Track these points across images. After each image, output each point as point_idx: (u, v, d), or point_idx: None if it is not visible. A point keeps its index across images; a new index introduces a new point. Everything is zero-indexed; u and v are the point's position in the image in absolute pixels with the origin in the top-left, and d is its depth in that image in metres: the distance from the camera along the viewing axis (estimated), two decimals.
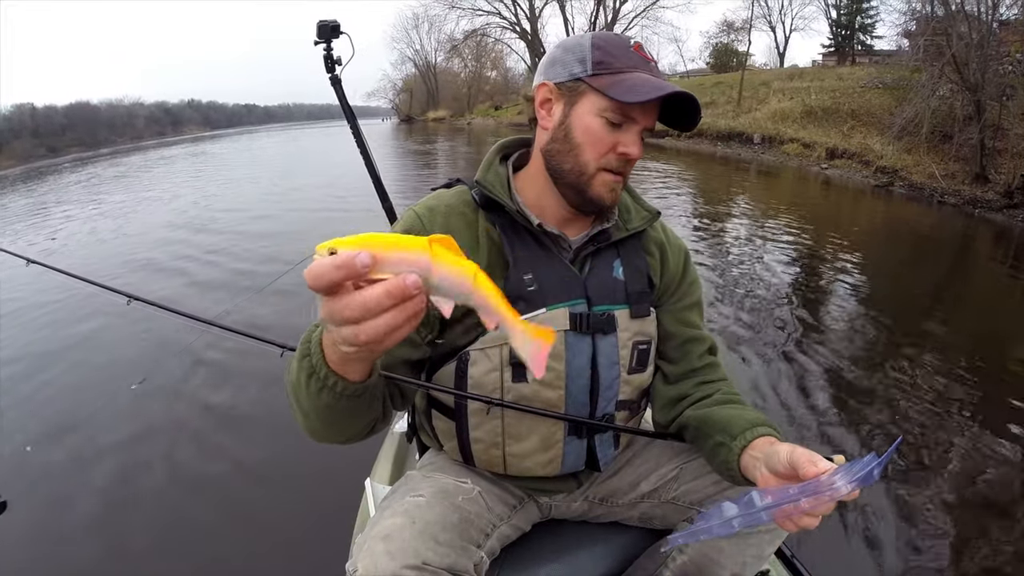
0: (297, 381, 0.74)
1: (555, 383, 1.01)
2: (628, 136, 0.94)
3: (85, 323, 4.52)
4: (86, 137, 59.56)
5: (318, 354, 0.68)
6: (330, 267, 0.44)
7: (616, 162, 0.95)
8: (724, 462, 0.92)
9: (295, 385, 0.75)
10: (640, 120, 0.94)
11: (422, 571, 0.82)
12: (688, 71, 37.61)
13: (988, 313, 4.98)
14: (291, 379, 0.77)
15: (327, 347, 0.67)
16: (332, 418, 0.77)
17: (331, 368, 0.68)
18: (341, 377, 0.68)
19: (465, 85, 47.08)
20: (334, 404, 0.72)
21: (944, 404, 3.17)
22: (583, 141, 0.95)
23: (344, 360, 0.66)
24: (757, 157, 16.15)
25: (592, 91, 0.93)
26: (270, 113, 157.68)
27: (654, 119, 0.96)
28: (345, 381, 0.68)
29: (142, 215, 9.92)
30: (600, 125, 0.93)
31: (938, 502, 2.37)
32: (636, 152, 0.94)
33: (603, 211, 1.03)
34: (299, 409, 0.79)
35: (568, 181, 0.98)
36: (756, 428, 0.90)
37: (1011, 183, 9.67)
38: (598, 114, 0.93)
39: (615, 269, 1.05)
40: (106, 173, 20.49)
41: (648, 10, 36.39)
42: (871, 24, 28.14)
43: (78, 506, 2.41)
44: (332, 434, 0.83)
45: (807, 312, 4.63)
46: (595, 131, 0.94)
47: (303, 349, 0.71)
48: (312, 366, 0.69)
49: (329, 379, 0.68)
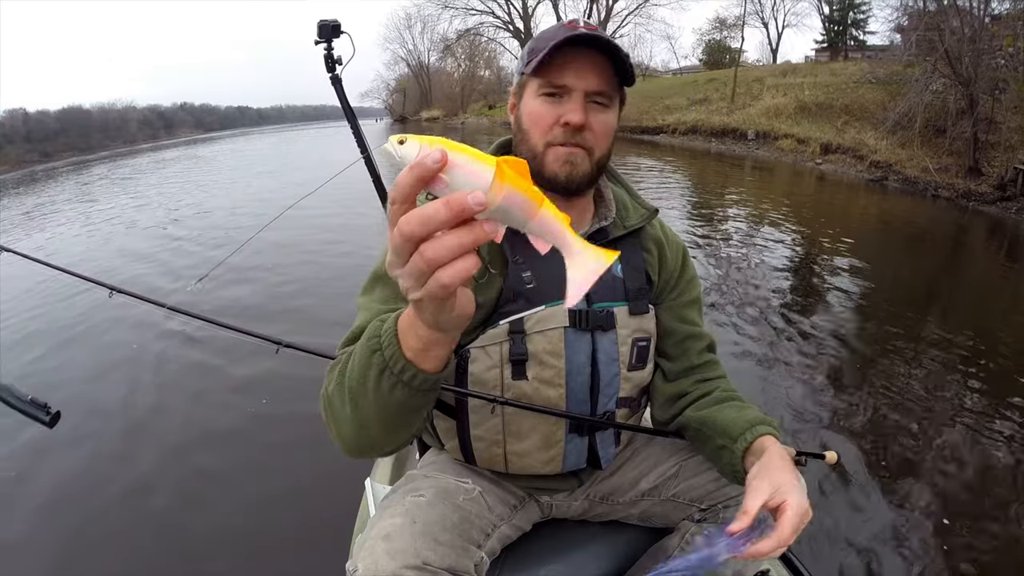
0: (361, 383, 0.71)
1: (555, 380, 1.00)
2: (568, 105, 0.93)
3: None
4: (79, 142, 59.33)
5: (393, 346, 0.65)
6: (406, 173, 0.43)
7: (562, 134, 0.94)
8: (728, 465, 0.96)
9: (356, 389, 0.72)
10: (576, 84, 0.92)
11: (422, 571, 0.82)
12: (681, 68, 37.70)
13: (982, 305, 4.99)
14: (349, 384, 0.74)
15: (404, 332, 0.64)
16: (397, 420, 0.74)
17: (408, 359, 0.65)
18: (420, 369, 0.65)
19: (458, 85, 47.11)
20: (406, 401, 0.69)
21: (939, 398, 3.18)
22: (529, 125, 0.98)
23: (427, 344, 0.63)
24: (752, 153, 16.20)
25: (528, 79, 0.96)
26: (263, 115, 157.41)
27: (595, 81, 0.93)
28: (423, 373, 0.65)
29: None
30: (539, 104, 0.95)
31: (936, 500, 2.38)
32: (576, 118, 0.92)
33: (567, 190, 0.99)
34: (355, 416, 0.75)
35: (531, 170, 0.97)
36: (755, 428, 0.94)
37: (1004, 176, 9.74)
38: (536, 95, 0.96)
39: (614, 266, 1.04)
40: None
41: (641, 8, 36.50)
42: (863, 20, 28.29)
43: (78, 507, 2.40)
44: (390, 440, 0.80)
45: (802, 306, 4.64)
46: (535, 111, 0.96)
47: (372, 345, 0.68)
48: (385, 360, 0.66)
49: (406, 371, 0.65)
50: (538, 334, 0.98)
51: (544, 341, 0.98)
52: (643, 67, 36.47)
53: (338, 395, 0.76)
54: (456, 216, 0.43)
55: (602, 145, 0.98)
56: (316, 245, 6.63)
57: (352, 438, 0.78)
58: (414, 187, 0.43)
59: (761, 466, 0.86)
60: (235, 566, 2.07)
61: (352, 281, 4.80)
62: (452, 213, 0.43)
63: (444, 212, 0.43)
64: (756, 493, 0.80)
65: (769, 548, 0.76)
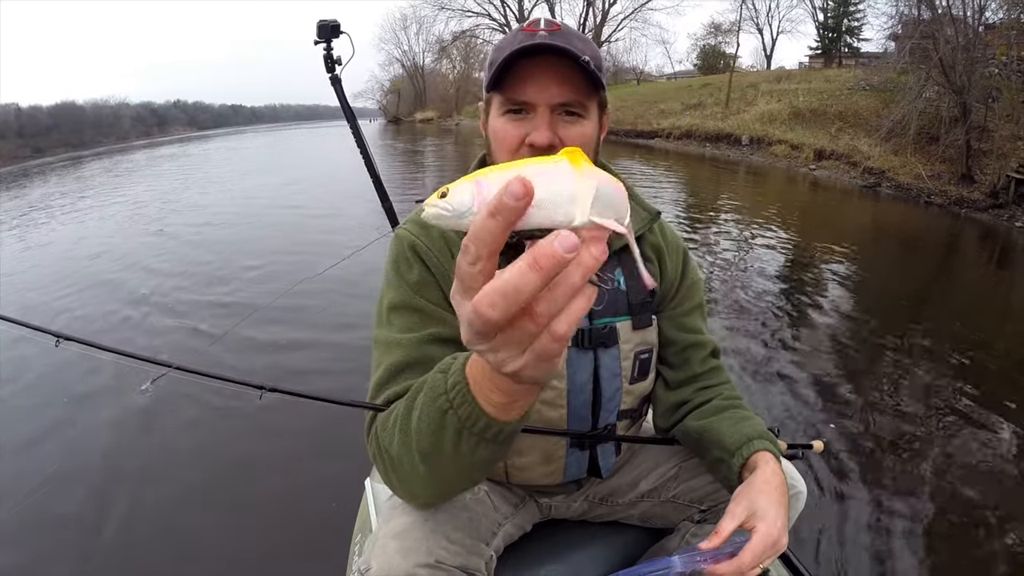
0: (436, 445, 0.64)
1: (556, 401, 0.98)
2: (534, 122, 0.86)
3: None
4: (72, 138, 58.84)
5: (468, 404, 0.57)
6: (487, 222, 0.33)
7: (529, 155, 0.86)
8: (725, 478, 0.96)
9: (429, 452, 0.66)
10: (538, 99, 0.85)
11: (436, 569, 0.81)
12: (676, 72, 37.83)
13: (973, 310, 5.01)
14: (420, 447, 0.67)
15: (481, 386, 0.56)
16: (484, 470, 0.69)
17: (491, 416, 0.56)
18: (504, 423, 0.56)
19: (453, 86, 47.07)
20: (491, 457, 0.62)
21: (932, 401, 3.19)
22: (496, 146, 0.92)
23: (514, 396, 0.54)
24: (746, 158, 16.24)
25: (492, 95, 0.90)
26: (256, 114, 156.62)
27: (560, 92, 0.85)
28: (508, 425, 0.57)
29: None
30: (504, 123, 0.89)
31: (935, 498, 2.39)
32: (540, 139, 0.85)
33: None
34: (432, 479, 0.70)
35: None
36: (752, 443, 0.93)
37: (996, 183, 9.80)
38: (499, 113, 0.89)
39: (616, 279, 1.01)
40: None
41: (637, 12, 36.61)
42: (858, 27, 28.45)
43: (78, 501, 2.39)
44: (468, 488, 0.78)
45: (795, 310, 4.65)
46: (499, 130, 0.89)
47: (440, 405, 0.60)
48: (461, 421, 0.58)
49: (489, 429, 0.57)
50: None
51: None
52: (638, 71, 36.60)
53: (407, 457, 0.70)
54: (550, 276, 0.33)
55: None
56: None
57: (430, 495, 0.78)
58: (503, 235, 0.33)
59: (745, 487, 0.86)
60: (235, 566, 2.05)
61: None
62: (544, 275, 0.33)
63: (535, 279, 0.33)
64: (731, 516, 0.81)
65: (726, 572, 0.78)
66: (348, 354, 3.61)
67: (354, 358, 3.50)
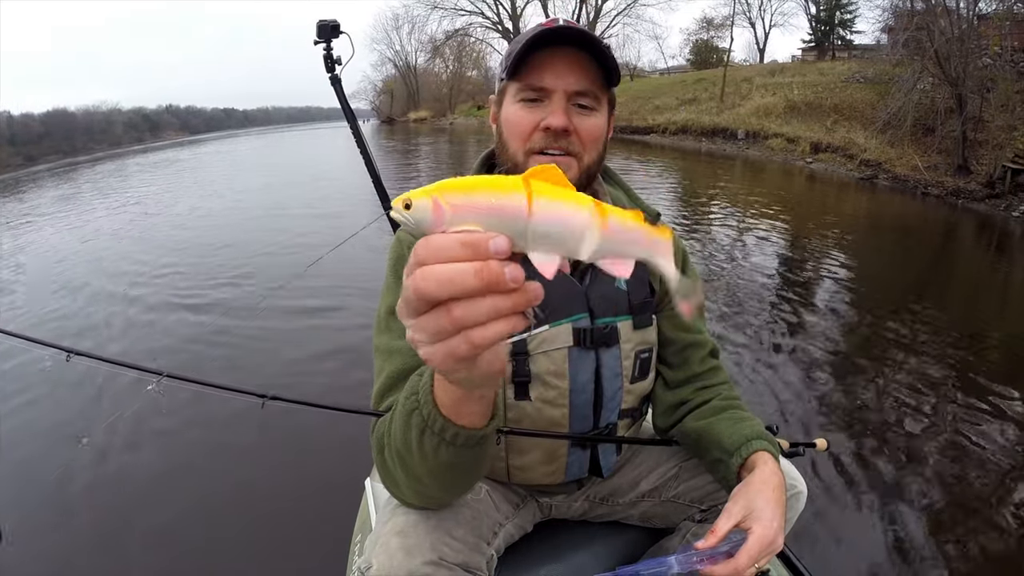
0: (405, 444, 0.68)
1: (558, 401, 0.98)
2: (549, 108, 0.88)
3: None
4: (63, 145, 58.89)
5: (428, 404, 0.62)
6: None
7: (543, 139, 0.89)
8: (724, 478, 0.97)
9: (402, 450, 0.70)
10: (556, 85, 0.88)
11: (439, 566, 0.81)
12: (669, 68, 37.91)
13: (971, 299, 5.04)
14: (395, 445, 0.72)
15: (437, 389, 0.61)
16: (453, 478, 0.72)
17: (447, 417, 0.61)
18: (460, 426, 0.61)
19: (446, 85, 47.09)
20: (454, 460, 0.65)
21: (930, 393, 3.19)
22: (509, 133, 0.93)
23: (458, 400, 0.59)
24: (742, 152, 16.29)
25: (507, 84, 0.92)
26: (249, 117, 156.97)
27: (577, 80, 0.88)
28: (464, 430, 0.61)
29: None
30: (518, 109, 0.90)
31: (933, 497, 2.38)
32: (556, 121, 0.87)
33: None
34: (409, 477, 0.73)
35: None
36: (750, 443, 0.93)
37: (992, 174, 9.87)
38: (515, 100, 0.91)
39: (617, 279, 1.01)
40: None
41: (630, 8, 36.64)
42: (851, 19, 28.48)
43: (78, 501, 2.40)
44: (451, 495, 0.80)
45: (793, 302, 4.64)
46: (515, 117, 0.91)
47: (409, 405, 0.65)
48: (424, 419, 0.63)
49: (447, 430, 0.61)
50: (542, 355, 0.95)
51: (548, 362, 0.96)
52: (631, 67, 36.64)
53: (389, 457, 0.75)
54: (489, 287, 0.36)
55: (591, 151, 0.93)
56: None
57: (412, 497, 0.80)
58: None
59: (742, 487, 0.87)
60: (234, 565, 2.06)
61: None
62: (483, 283, 0.35)
63: (472, 281, 0.35)
64: (727, 515, 0.82)
65: (722, 573, 0.78)
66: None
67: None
